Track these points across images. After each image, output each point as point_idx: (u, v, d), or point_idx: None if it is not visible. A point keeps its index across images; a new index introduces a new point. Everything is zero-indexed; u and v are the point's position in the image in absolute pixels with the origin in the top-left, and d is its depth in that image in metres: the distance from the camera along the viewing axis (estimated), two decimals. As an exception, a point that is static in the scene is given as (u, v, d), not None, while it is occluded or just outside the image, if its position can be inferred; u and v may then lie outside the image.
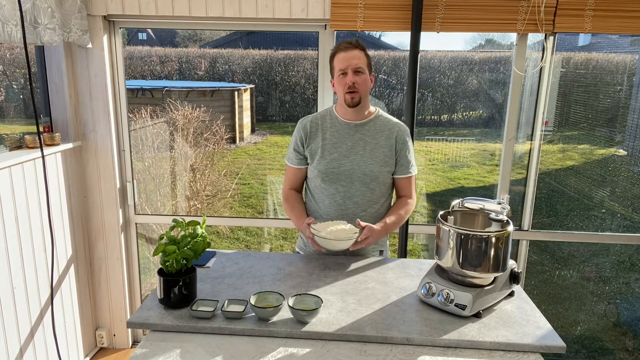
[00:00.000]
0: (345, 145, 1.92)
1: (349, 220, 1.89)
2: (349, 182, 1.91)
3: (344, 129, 1.94)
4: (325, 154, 1.92)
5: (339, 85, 1.88)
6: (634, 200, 3.31)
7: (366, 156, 1.91)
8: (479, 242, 1.45)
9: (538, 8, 2.41)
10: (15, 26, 2.11)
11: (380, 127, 1.95)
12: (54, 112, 2.71)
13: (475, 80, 3.78)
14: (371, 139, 1.93)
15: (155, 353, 1.32)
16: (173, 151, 4.12)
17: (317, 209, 2.00)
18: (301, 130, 1.97)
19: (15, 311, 2.30)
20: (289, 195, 2.04)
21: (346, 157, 1.91)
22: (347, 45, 1.86)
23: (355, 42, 1.88)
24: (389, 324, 1.43)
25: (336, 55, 1.88)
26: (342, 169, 1.91)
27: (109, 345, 3.07)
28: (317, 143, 1.94)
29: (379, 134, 1.93)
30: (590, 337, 3.30)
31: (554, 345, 1.36)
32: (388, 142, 1.93)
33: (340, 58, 1.85)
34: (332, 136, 1.94)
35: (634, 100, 3.21)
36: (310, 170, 1.97)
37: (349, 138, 1.93)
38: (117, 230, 2.89)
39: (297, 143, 1.98)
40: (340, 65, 1.85)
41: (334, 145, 1.93)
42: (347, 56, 1.84)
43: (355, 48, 1.86)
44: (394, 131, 1.94)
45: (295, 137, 1.99)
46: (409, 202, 1.98)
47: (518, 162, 2.83)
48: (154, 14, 2.56)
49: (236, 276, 1.73)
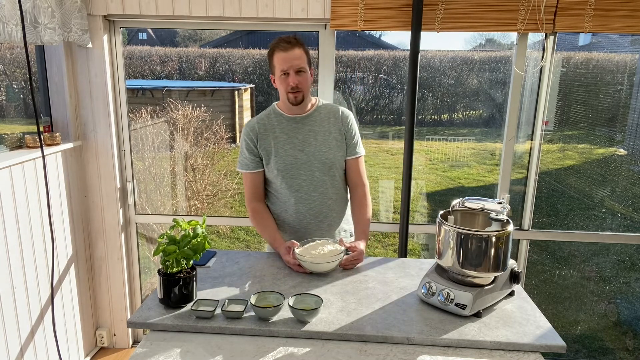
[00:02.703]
0: (296, 139, 1.94)
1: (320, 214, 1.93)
2: (309, 174, 1.94)
3: (291, 124, 1.96)
4: (280, 151, 1.93)
5: (281, 85, 1.88)
6: (634, 199, 3.31)
7: (319, 145, 1.94)
8: (479, 242, 1.45)
9: (538, 7, 2.40)
10: (16, 26, 2.11)
11: (326, 114, 1.98)
12: (54, 111, 2.71)
13: (476, 79, 3.78)
14: (320, 128, 1.96)
15: (155, 353, 1.32)
16: (173, 151, 4.12)
17: (284, 211, 2.00)
18: (250, 132, 1.96)
19: (16, 311, 2.31)
20: (255, 210, 2.00)
21: (301, 151, 1.93)
22: (287, 45, 1.83)
23: (294, 39, 1.85)
24: (389, 323, 1.43)
25: (275, 53, 1.85)
26: (300, 163, 1.93)
27: (109, 345, 3.07)
28: (268, 143, 1.95)
29: (326, 121, 1.97)
30: (591, 337, 3.30)
31: (554, 345, 1.36)
32: (336, 126, 1.97)
33: (281, 58, 1.83)
34: (282, 133, 1.95)
35: (634, 100, 3.21)
36: (269, 171, 1.97)
37: (299, 132, 1.95)
38: (118, 230, 2.89)
39: (250, 146, 1.96)
40: (282, 66, 1.84)
41: (286, 141, 1.94)
42: (288, 57, 1.83)
43: (294, 46, 1.84)
44: (338, 115, 1.99)
45: (246, 140, 1.97)
46: (365, 192, 2.02)
47: (518, 162, 2.83)
48: (154, 14, 2.56)
49: (236, 276, 1.73)
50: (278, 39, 1.87)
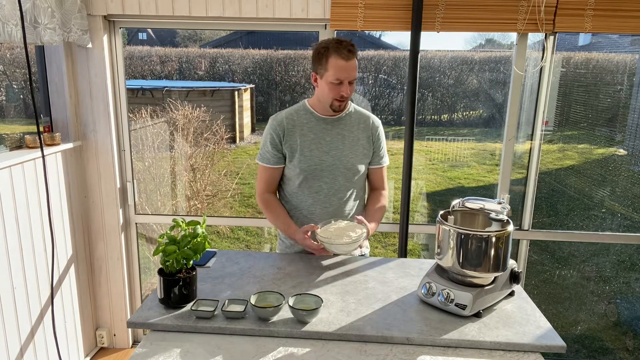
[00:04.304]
0: (324, 140, 1.90)
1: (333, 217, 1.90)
2: (332, 178, 1.91)
3: (320, 124, 1.92)
4: (305, 151, 1.89)
5: (330, 91, 1.82)
6: (634, 199, 3.31)
7: (346, 150, 1.91)
8: (479, 242, 1.45)
9: (538, 8, 2.40)
10: (15, 26, 2.11)
11: (356, 120, 1.96)
12: (54, 112, 2.71)
13: (476, 80, 3.78)
14: (349, 133, 1.93)
15: (155, 353, 1.32)
16: (173, 151, 4.12)
17: (298, 209, 1.97)
18: (277, 127, 1.90)
19: (16, 311, 2.30)
20: (268, 200, 1.97)
21: (327, 153, 1.90)
22: (349, 54, 1.77)
23: (354, 48, 1.80)
24: (389, 323, 1.43)
25: (333, 57, 1.77)
26: (325, 165, 1.90)
27: (109, 345, 3.07)
28: (294, 140, 1.89)
29: (355, 127, 1.94)
30: (591, 337, 3.30)
31: (554, 345, 1.36)
32: (365, 134, 1.95)
33: (340, 67, 1.77)
34: (310, 132, 1.90)
35: (634, 100, 3.21)
36: (290, 169, 1.93)
37: (327, 133, 1.91)
38: (117, 230, 2.89)
39: (275, 141, 1.90)
40: (338, 75, 1.78)
41: (313, 141, 1.90)
42: (348, 67, 1.77)
43: (354, 56, 1.79)
44: (369, 123, 1.97)
45: (271, 134, 1.91)
46: (384, 195, 2.04)
47: (518, 162, 2.83)
48: (154, 14, 2.56)
49: (236, 276, 1.73)
50: (338, 42, 1.79)
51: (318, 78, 1.85)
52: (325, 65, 1.80)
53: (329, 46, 1.79)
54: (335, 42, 1.79)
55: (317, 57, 1.82)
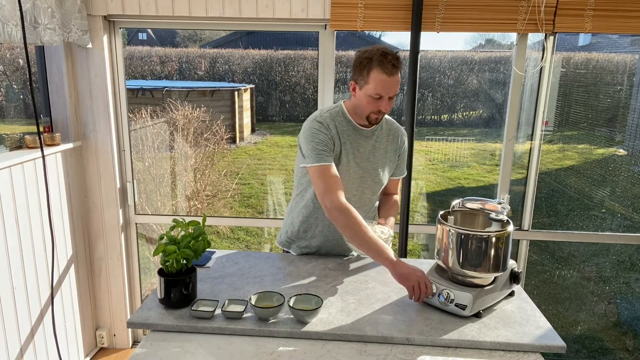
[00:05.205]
0: (358, 152, 1.83)
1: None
2: (360, 191, 1.87)
3: (356, 134, 1.83)
4: (343, 159, 1.80)
5: (369, 104, 1.72)
6: (634, 200, 3.31)
7: (376, 164, 1.87)
8: (479, 242, 1.45)
9: (538, 8, 2.41)
10: (15, 26, 2.11)
11: (387, 131, 1.91)
12: (54, 112, 2.71)
13: (475, 80, 3.78)
14: (379, 144, 1.88)
15: (155, 353, 1.32)
16: (173, 151, 4.12)
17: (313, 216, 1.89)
18: (325, 128, 1.77)
19: (16, 311, 2.30)
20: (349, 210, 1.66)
21: (358, 165, 1.84)
22: (393, 70, 1.66)
23: (399, 62, 1.69)
24: (389, 323, 1.43)
25: (376, 70, 1.66)
26: (355, 177, 1.84)
27: (109, 345, 3.07)
28: (337, 146, 1.79)
29: (385, 139, 1.90)
30: (591, 337, 3.30)
31: (554, 345, 1.36)
32: (393, 146, 1.92)
33: (383, 81, 1.66)
34: (347, 140, 1.81)
35: (634, 100, 3.21)
36: None
37: (361, 145, 1.84)
38: (117, 230, 2.89)
39: (327, 139, 1.75)
40: (379, 90, 1.67)
41: (350, 151, 1.82)
42: (391, 82, 1.67)
43: (398, 71, 1.69)
44: (398, 136, 1.93)
45: (324, 133, 1.76)
46: (397, 199, 2.06)
47: (518, 162, 2.83)
48: (154, 14, 2.56)
49: (236, 276, 1.73)
50: (383, 55, 1.66)
51: (357, 88, 1.74)
52: (366, 78, 1.69)
53: (372, 58, 1.67)
54: (380, 54, 1.67)
55: (359, 67, 1.71)
